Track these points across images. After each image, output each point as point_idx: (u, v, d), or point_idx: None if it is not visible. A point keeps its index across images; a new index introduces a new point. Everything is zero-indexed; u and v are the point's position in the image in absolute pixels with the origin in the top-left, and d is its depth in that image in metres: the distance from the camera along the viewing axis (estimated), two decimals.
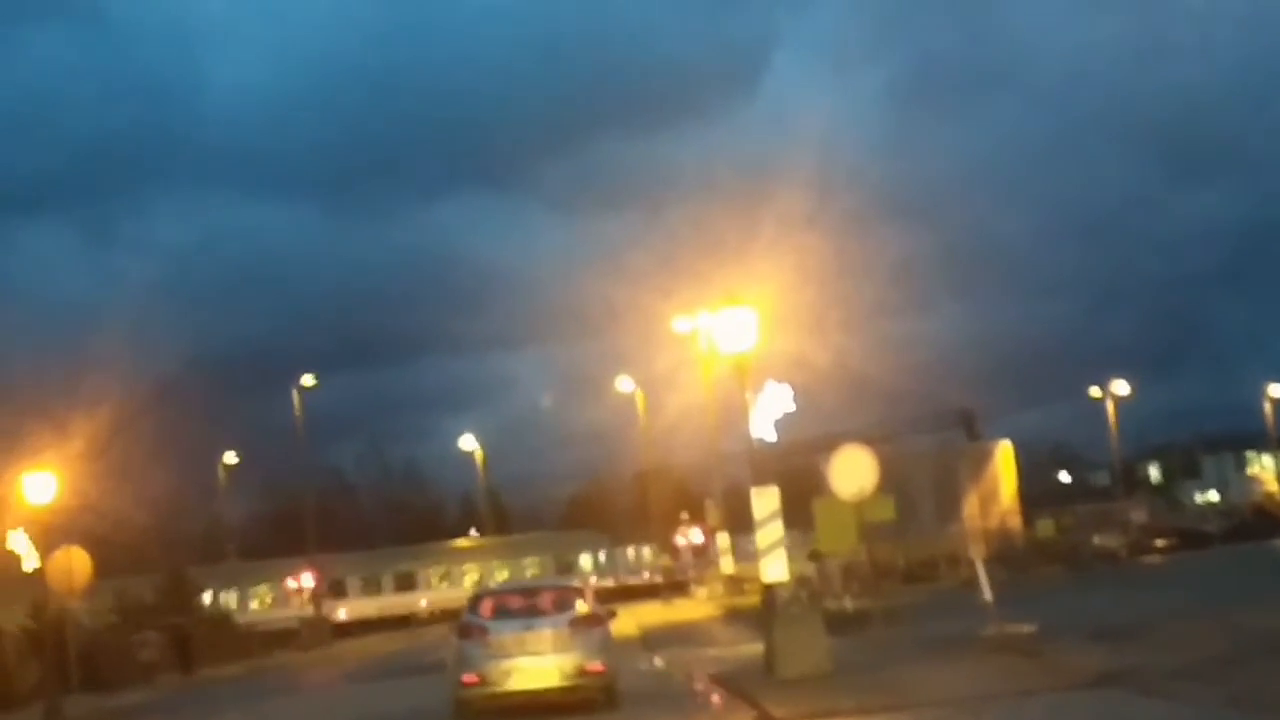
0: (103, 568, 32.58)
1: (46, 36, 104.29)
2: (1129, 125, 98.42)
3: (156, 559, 52.51)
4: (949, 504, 45.01)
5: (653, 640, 31.77)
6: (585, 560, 70.09)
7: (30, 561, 40.14)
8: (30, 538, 39.40)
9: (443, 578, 68.27)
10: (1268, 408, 69.80)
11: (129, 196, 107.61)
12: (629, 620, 34.19)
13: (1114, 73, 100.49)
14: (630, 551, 71.91)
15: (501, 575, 66.66)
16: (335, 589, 62.90)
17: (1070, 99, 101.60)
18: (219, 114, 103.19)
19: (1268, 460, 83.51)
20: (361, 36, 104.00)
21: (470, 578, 66.80)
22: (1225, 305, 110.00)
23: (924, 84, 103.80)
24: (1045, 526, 48.01)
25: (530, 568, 66.88)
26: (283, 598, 62.34)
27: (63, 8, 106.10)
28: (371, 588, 67.31)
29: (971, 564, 23.72)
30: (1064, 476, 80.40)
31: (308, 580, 59.06)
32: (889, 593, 32.15)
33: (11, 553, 41.04)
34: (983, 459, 47.39)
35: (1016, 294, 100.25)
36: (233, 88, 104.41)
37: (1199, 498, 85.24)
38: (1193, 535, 52.93)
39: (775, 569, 19.89)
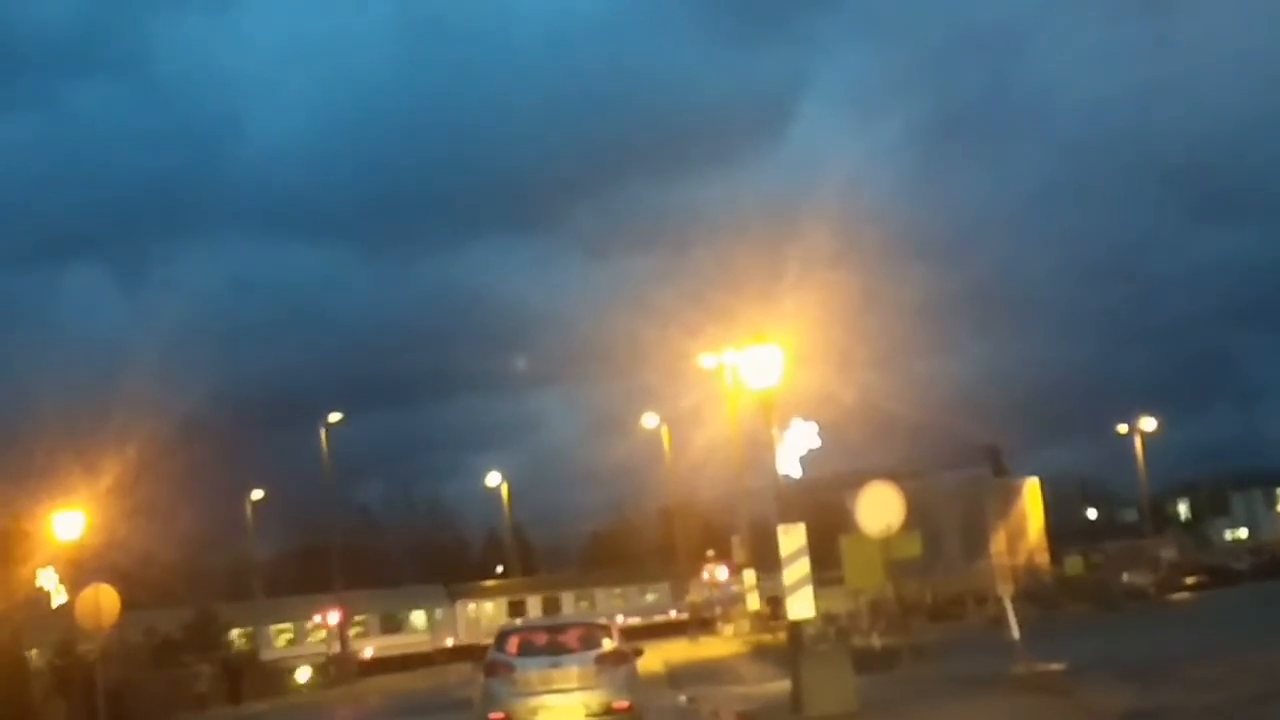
0: (130, 604, 32.68)
1: (91, 88, 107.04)
2: (1154, 164, 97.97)
3: (183, 595, 52.71)
4: (976, 540, 44.76)
5: (679, 677, 31.65)
6: (419, 618, 66.32)
7: (58, 598, 40.35)
8: (59, 574, 39.65)
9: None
10: None
11: (167, 240, 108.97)
12: (655, 658, 34.07)
13: (1138, 112, 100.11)
14: (471, 607, 67.27)
15: (317, 636, 62.61)
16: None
17: (1094, 138, 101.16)
18: (255, 159, 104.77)
19: None
20: (394, 83, 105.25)
21: (284, 637, 63.07)
22: (1254, 342, 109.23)
23: (948, 127, 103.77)
24: (1074, 563, 47.57)
25: (354, 629, 62.48)
26: (308, 634, 62.24)
27: (107, 61, 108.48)
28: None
29: (999, 601, 23.59)
30: (1091, 513, 79.79)
31: (333, 617, 59.15)
32: (916, 630, 31.97)
33: (40, 589, 41.19)
34: (1010, 495, 47.16)
35: (1042, 332, 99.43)
36: (269, 134, 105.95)
37: (1228, 535, 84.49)
38: (1222, 572, 52.42)
39: (802, 606, 19.84)
